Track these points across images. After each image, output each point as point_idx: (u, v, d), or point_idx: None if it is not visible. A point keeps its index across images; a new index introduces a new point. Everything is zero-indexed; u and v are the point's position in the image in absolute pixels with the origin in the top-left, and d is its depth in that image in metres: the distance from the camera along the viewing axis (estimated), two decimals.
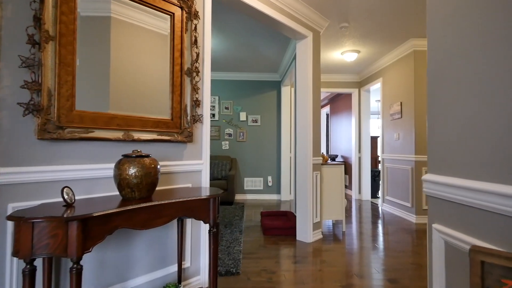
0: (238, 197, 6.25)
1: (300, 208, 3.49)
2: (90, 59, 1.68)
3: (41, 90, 1.46)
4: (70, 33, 1.57)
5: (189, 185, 2.20)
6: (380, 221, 4.41)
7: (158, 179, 1.65)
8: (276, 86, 6.36)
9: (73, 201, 1.41)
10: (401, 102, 4.72)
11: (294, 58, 4.34)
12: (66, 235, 1.20)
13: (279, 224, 3.71)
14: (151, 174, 1.59)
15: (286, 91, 6.17)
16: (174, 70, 2.08)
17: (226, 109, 6.28)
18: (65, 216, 1.18)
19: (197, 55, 2.21)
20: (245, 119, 6.28)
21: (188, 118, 2.15)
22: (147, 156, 1.62)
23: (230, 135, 6.27)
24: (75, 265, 1.20)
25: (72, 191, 1.42)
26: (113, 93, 1.77)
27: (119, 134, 1.76)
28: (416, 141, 4.33)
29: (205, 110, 2.31)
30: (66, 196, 1.38)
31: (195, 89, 2.20)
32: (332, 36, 4.19)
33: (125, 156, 1.58)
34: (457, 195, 0.95)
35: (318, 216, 3.59)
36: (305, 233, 3.44)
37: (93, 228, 1.27)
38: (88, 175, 1.65)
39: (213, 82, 6.29)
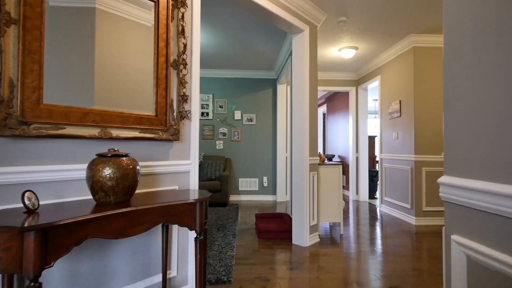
0: (233, 198, 6.07)
1: (296, 210, 3.33)
2: (67, 50, 1.50)
3: (1, 80, 1.28)
4: (36, 17, 1.39)
5: (176, 187, 2.02)
6: (378, 223, 4.26)
7: (137, 181, 1.47)
8: (271, 84, 6.19)
9: (36, 207, 1.23)
10: (400, 101, 4.58)
11: (290, 54, 4.18)
12: (21, 248, 1.02)
13: (274, 227, 3.55)
14: (129, 176, 1.41)
15: (282, 89, 6.01)
16: (159, 61, 1.91)
17: (220, 107, 6.11)
18: (20, 225, 1.01)
19: (185, 46, 2.03)
20: (240, 118, 6.11)
21: (175, 114, 1.97)
22: (125, 155, 1.44)
23: (224, 134, 6.10)
24: (32, 283, 1.02)
25: (35, 195, 1.24)
26: (96, 86, 1.59)
27: (94, 131, 1.58)
28: (416, 141, 4.19)
29: (194, 106, 2.14)
30: (27, 202, 1.21)
31: (182, 83, 2.02)
32: (329, 31, 4.04)
33: (99, 155, 1.40)
34: (485, 202, 0.80)
35: (315, 219, 3.43)
36: (302, 236, 3.28)
37: (56, 239, 1.10)
38: (59, 177, 1.47)
39: (207, 79, 6.11)
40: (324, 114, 10.04)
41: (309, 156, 3.31)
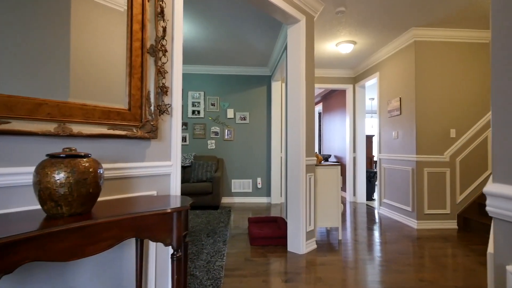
0: (225, 200, 5.81)
1: (292, 215, 3.08)
2: (22, 34, 1.22)
3: None
4: None
5: (154, 192, 1.76)
6: (378, 227, 4.04)
7: (99, 187, 1.20)
8: (266, 81, 5.94)
9: None
10: (400, 98, 4.36)
11: (285, 49, 3.94)
12: None
13: (268, 232, 3.30)
14: (87, 181, 1.14)
15: (276, 87, 5.76)
16: (133, 46, 1.64)
17: (212, 105, 5.84)
18: None
19: (164, 30, 1.77)
20: (232, 116, 5.85)
21: (152, 108, 1.70)
22: (84, 156, 1.18)
23: (216, 133, 5.83)
24: None
25: None
26: (56, 75, 1.32)
27: (49, 127, 1.31)
28: (417, 140, 3.98)
29: (175, 100, 1.87)
30: None
31: (161, 72, 1.75)
32: (326, 23, 3.80)
33: (50, 156, 1.13)
34: None
35: (311, 224, 3.19)
36: (297, 243, 3.03)
37: None
38: (2, 182, 1.19)
39: (198, 76, 5.83)
40: (319, 113, 9.84)
41: (305, 157, 3.06)
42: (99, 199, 1.47)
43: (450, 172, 3.99)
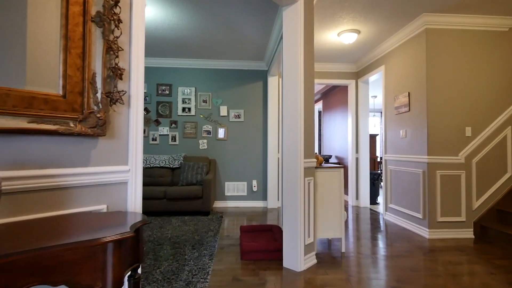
0: (218, 204, 5.39)
1: (288, 226, 2.66)
2: None
3: None
4: None
5: (103, 207, 1.34)
6: (385, 236, 3.62)
7: None
8: (262, 76, 5.52)
9: None
10: (409, 93, 3.95)
11: (282, 38, 3.52)
12: None
13: (262, 245, 2.87)
14: None
15: (273, 82, 5.34)
16: (70, 12, 1.22)
17: (204, 102, 5.42)
18: None
19: None
20: (226, 114, 5.43)
21: (99, 96, 1.29)
22: None
23: (208, 132, 5.41)
24: None
25: None
26: None
27: None
28: (429, 139, 3.56)
29: (135, 86, 1.46)
30: None
31: (113, 49, 1.33)
32: (328, 8, 3.39)
33: None
34: None
35: (311, 236, 2.77)
36: (294, 259, 2.61)
37: None
38: None
39: (188, 71, 5.41)
40: (319, 112, 9.43)
41: (303, 158, 2.64)
42: (3, 220, 1.05)
43: (466, 175, 3.58)
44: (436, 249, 3.16)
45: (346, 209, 5.34)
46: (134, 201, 1.43)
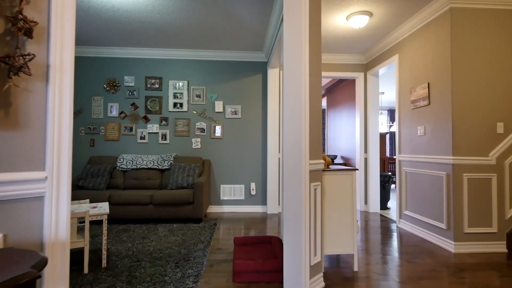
0: (213, 209, 4.90)
1: (290, 243, 2.16)
2: None
3: None
4: None
5: None
6: (403, 250, 3.11)
7: None
8: (261, 68, 5.03)
9: None
10: (428, 84, 3.44)
11: (282, 22, 3.02)
12: None
13: (258, 265, 2.37)
14: None
15: (273, 75, 4.85)
16: None
17: (197, 97, 4.93)
18: None
19: None
20: (221, 110, 4.94)
21: None
22: None
23: (202, 130, 4.92)
24: None
25: None
26: None
27: None
28: (454, 137, 3.05)
29: (58, 50, 0.97)
30: None
31: None
32: None
33: None
34: None
35: (317, 254, 2.27)
36: (298, 283, 2.11)
37: None
38: None
39: (181, 62, 4.93)
40: (324, 110, 8.92)
41: (309, 159, 2.14)
42: None
43: (497, 179, 3.07)
44: (466, 267, 2.65)
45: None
46: (55, 225, 0.94)
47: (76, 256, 2.76)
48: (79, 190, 4.05)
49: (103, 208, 2.71)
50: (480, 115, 3.08)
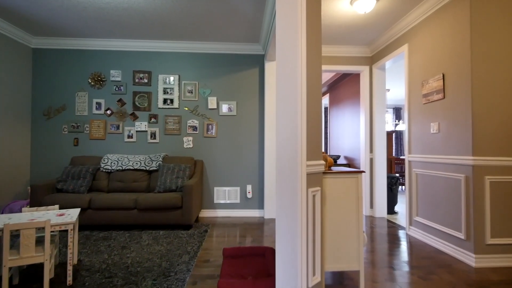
0: (206, 213, 4.54)
1: (283, 261, 1.80)
2: None
3: None
4: None
5: None
6: (416, 264, 2.73)
7: None
8: (257, 61, 4.67)
9: None
10: (443, 75, 3.06)
11: None
12: None
13: (247, 285, 2.01)
14: None
15: (271, 69, 4.49)
16: None
17: (189, 93, 4.57)
18: None
19: None
20: (215, 106, 4.58)
21: None
22: None
23: (194, 128, 4.56)
24: None
25: None
26: None
27: None
28: (474, 134, 2.67)
29: None
30: None
31: None
32: None
33: None
34: None
35: (317, 272, 1.90)
36: None
37: None
38: None
39: (171, 55, 4.58)
40: (326, 108, 8.55)
41: (306, 160, 1.78)
42: None
43: None
44: (490, 286, 2.27)
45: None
46: None
47: (38, 271, 2.42)
48: (57, 193, 3.70)
49: (71, 216, 2.36)
50: (505, 109, 2.69)
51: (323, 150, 8.18)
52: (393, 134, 6.73)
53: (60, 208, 3.51)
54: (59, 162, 4.39)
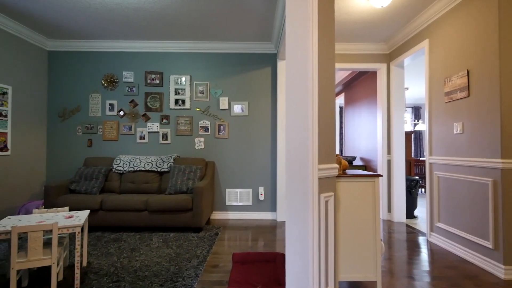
0: (218, 215, 4.48)
1: (293, 271, 1.69)
2: None
3: None
4: None
5: None
6: (437, 273, 2.55)
7: None
8: (270, 61, 4.56)
9: None
10: (468, 71, 2.85)
11: None
12: None
13: None
14: None
15: (284, 67, 4.37)
16: None
17: (200, 93, 4.53)
18: None
19: None
20: (227, 107, 4.51)
21: None
22: None
23: (206, 129, 4.51)
24: None
25: None
26: None
27: None
28: (503, 134, 2.47)
29: None
30: None
31: None
32: None
33: None
34: None
35: (330, 283, 1.78)
36: None
37: None
38: None
39: (182, 56, 4.55)
40: (341, 108, 8.34)
41: (318, 164, 1.66)
42: None
43: None
44: None
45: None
46: None
47: (47, 273, 2.41)
48: (70, 194, 3.74)
49: (79, 218, 2.34)
50: None
51: (337, 152, 7.97)
52: (412, 134, 6.47)
53: (72, 209, 3.53)
54: (73, 163, 4.45)
